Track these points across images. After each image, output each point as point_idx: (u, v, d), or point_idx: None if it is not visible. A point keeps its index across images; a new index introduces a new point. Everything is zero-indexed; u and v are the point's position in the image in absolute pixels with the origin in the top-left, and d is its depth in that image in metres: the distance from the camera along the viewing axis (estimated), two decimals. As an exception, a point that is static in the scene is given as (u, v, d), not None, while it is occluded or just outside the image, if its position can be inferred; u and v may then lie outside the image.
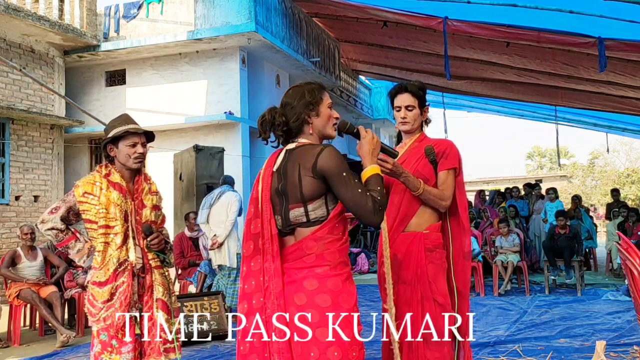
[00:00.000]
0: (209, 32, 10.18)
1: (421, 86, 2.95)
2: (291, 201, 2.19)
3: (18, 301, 6.27)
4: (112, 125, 3.01)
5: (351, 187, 2.13)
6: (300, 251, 2.18)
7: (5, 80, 9.63)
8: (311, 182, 2.15)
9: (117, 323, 2.82)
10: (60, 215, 2.93)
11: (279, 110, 2.30)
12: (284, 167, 2.24)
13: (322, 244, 2.16)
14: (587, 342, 5.10)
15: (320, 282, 2.14)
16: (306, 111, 2.28)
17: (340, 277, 2.17)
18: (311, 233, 2.17)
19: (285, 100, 2.32)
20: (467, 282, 2.87)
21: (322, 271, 2.15)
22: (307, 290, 2.13)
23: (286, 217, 2.21)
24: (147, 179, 3.10)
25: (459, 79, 12.58)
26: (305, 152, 2.21)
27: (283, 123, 2.28)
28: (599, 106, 13.37)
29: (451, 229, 2.87)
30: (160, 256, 3.02)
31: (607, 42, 7.62)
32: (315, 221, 2.18)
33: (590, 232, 11.27)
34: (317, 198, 2.17)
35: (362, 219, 2.15)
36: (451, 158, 2.85)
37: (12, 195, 9.63)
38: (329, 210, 2.19)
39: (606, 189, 29.79)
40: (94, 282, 2.87)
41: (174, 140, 10.80)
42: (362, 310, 7.27)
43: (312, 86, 2.34)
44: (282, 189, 2.22)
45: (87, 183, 2.94)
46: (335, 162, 2.15)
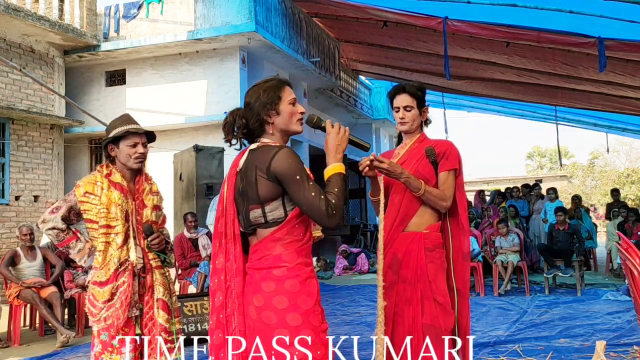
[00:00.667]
0: (209, 32, 10.18)
1: (420, 86, 2.95)
2: (250, 202, 2.20)
3: (18, 301, 6.28)
4: (113, 125, 3.01)
5: (304, 190, 2.11)
6: (260, 252, 2.18)
7: (5, 80, 9.63)
8: (266, 184, 2.15)
9: (117, 323, 2.81)
10: (61, 215, 2.93)
11: (240, 112, 2.29)
12: (245, 168, 2.24)
13: (281, 244, 2.16)
14: (587, 342, 5.10)
15: (277, 283, 2.13)
16: (264, 111, 2.26)
17: (298, 278, 2.14)
18: (270, 234, 2.18)
19: (246, 100, 2.32)
20: (467, 282, 2.88)
21: (280, 272, 2.14)
22: (264, 292, 2.14)
23: (247, 217, 2.22)
24: (148, 179, 3.10)
25: (459, 79, 12.58)
26: (262, 153, 2.20)
27: (243, 125, 2.27)
28: (599, 106, 13.38)
29: (451, 229, 2.87)
30: (161, 256, 3.02)
31: (607, 42, 7.62)
32: (273, 222, 2.18)
33: (590, 232, 11.27)
34: (273, 199, 2.17)
35: (317, 222, 2.16)
36: (452, 159, 2.85)
37: (12, 195, 9.63)
38: (286, 211, 2.18)
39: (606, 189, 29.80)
40: (94, 282, 2.87)
41: (174, 140, 10.80)
42: (362, 310, 7.31)
43: (270, 84, 2.31)
44: (243, 189, 2.22)
45: (88, 183, 2.93)
46: (288, 164, 2.13)
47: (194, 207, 8.37)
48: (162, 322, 2.94)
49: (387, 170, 2.71)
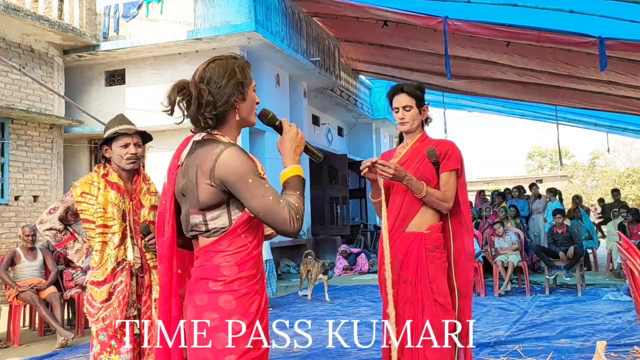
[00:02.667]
0: (209, 32, 10.16)
1: (418, 86, 2.93)
2: (190, 205, 1.90)
3: (18, 301, 6.26)
4: (108, 126, 3.02)
5: (260, 194, 1.81)
6: (201, 259, 1.91)
7: (4, 80, 9.62)
8: (208, 190, 1.84)
9: (115, 323, 2.81)
10: (59, 215, 2.94)
11: (203, 87, 1.88)
12: (186, 164, 1.92)
13: (221, 256, 1.87)
14: (588, 342, 5.09)
15: (210, 298, 1.85)
16: (236, 93, 1.91)
17: (235, 294, 1.85)
18: (210, 244, 1.88)
19: (209, 74, 1.90)
20: (469, 282, 2.86)
21: (214, 286, 1.85)
22: (196, 305, 1.88)
23: (187, 221, 1.93)
24: (145, 179, 3.10)
25: (459, 79, 12.57)
26: (205, 151, 1.86)
27: (212, 104, 1.88)
28: (599, 106, 13.37)
29: (453, 229, 2.86)
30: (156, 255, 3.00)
31: (608, 41, 7.62)
32: (214, 231, 1.88)
33: (590, 232, 11.26)
34: (217, 207, 1.86)
35: (277, 229, 1.85)
36: (453, 159, 2.83)
37: (12, 195, 9.62)
38: (231, 220, 1.88)
39: (607, 189, 29.77)
40: (92, 282, 2.87)
41: (173, 140, 10.75)
42: (362, 311, 7.29)
43: (241, 62, 1.97)
44: (183, 189, 1.91)
45: (85, 183, 2.94)
46: (236, 167, 1.81)
47: (194, 207, 8.36)
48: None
49: (393, 175, 2.68)
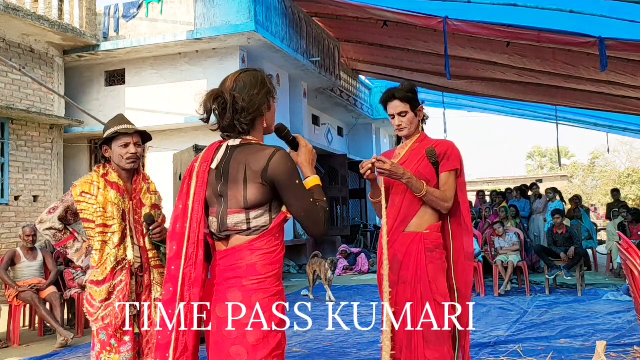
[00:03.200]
0: (209, 32, 10.17)
1: (409, 88, 2.90)
2: (231, 205, 1.98)
3: (18, 301, 6.26)
4: (107, 127, 3.02)
5: (303, 196, 1.97)
6: (232, 258, 1.98)
7: (4, 80, 9.62)
8: (258, 188, 1.95)
9: (116, 322, 2.81)
10: (58, 215, 2.94)
11: (237, 95, 2.00)
12: (226, 166, 2.01)
13: (257, 255, 1.96)
14: (588, 342, 5.09)
15: (245, 296, 1.94)
16: (266, 101, 2.06)
17: (267, 293, 1.96)
18: (248, 242, 1.97)
19: (242, 84, 2.03)
20: (469, 282, 2.86)
21: (249, 284, 1.94)
22: (228, 303, 1.94)
23: (223, 221, 2.00)
24: (145, 179, 3.10)
25: (459, 79, 12.58)
26: (253, 152, 1.98)
27: (245, 110, 2.00)
28: (599, 106, 13.37)
29: (452, 230, 2.85)
30: (162, 247, 2.99)
31: (608, 42, 7.61)
32: (255, 230, 1.98)
33: (590, 232, 11.26)
34: (261, 205, 1.97)
35: (310, 229, 2.00)
36: (453, 159, 2.83)
37: (12, 196, 9.62)
38: (271, 219, 2.00)
39: (607, 189, 29.78)
40: (91, 281, 2.87)
41: (173, 140, 10.79)
42: (362, 311, 7.27)
43: (266, 75, 2.12)
44: (222, 190, 2.01)
45: (84, 183, 2.95)
46: (287, 168, 1.95)
47: (194, 207, 8.36)
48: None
49: (389, 171, 2.68)
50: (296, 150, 2.13)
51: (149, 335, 2.93)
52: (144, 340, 2.93)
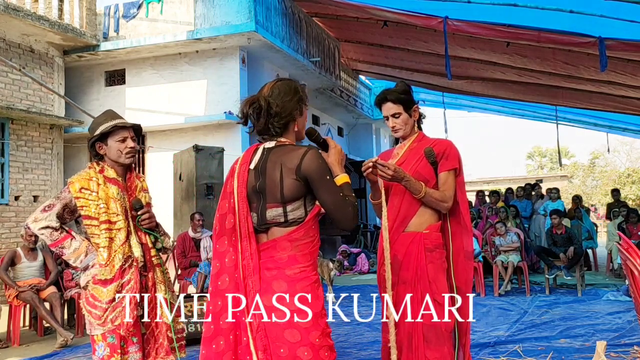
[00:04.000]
0: (209, 32, 10.17)
1: (402, 89, 2.88)
2: (269, 200, 2.19)
3: (18, 301, 6.26)
4: (97, 123, 2.91)
5: (334, 191, 2.16)
6: (273, 250, 2.18)
7: (4, 80, 9.62)
8: (293, 183, 2.15)
9: (127, 322, 2.71)
10: (56, 212, 2.77)
11: (272, 100, 2.23)
12: (263, 166, 2.22)
13: (296, 245, 2.17)
14: (588, 342, 5.08)
15: (290, 284, 2.13)
16: (298, 107, 2.28)
17: (309, 281, 2.16)
18: (287, 234, 2.17)
19: (277, 91, 2.26)
20: (469, 281, 2.85)
21: (292, 273, 2.14)
22: (274, 292, 2.14)
23: (262, 215, 2.20)
24: (138, 176, 3.03)
25: (459, 79, 12.57)
26: (287, 152, 2.20)
27: (278, 115, 2.23)
28: (599, 106, 13.37)
29: (451, 229, 2.85)
30: (152, 235, 2.90)
31: (608, 41, 7.61)
32: (292, 222, 2.18)
33: (590, 232, 11.26)
34: (296, 199, 2.18)
35: (340, 223, 2.19)
36: (451, 158, 2.82)
37: (12, 195, 9.62)
38: (307, 211, 2.20)
39: (607, 189, 29.78)
40: (97, 281, 2.74)
41: (173, 140, 10.80)
42: (362, 311, 7.26)
43: (298, 84, 2.34)
44: (260, 187, 2.20)
45: (82, 179, 2.82)
46: (319, 164, 2.16)
47: (194, 207, 8.36)
48: (165, 320, 2.87)
49: (392, 176, 2.68)
50: (326, 151, 2.33)
51: (156, 335, 2.87)
52: (150, 340, 2.86)
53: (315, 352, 2.10)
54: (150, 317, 2.87)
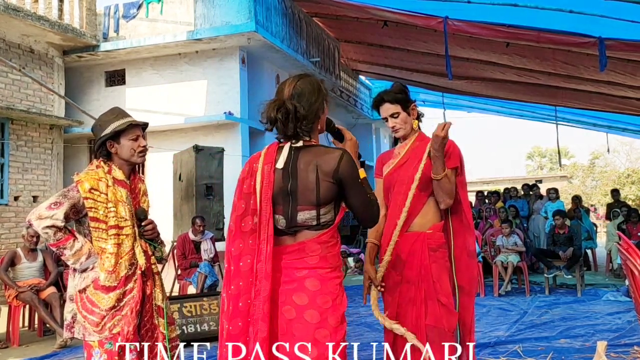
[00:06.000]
0: (209, 32, 10.16)
1: (399, 89, 2.89)
2: (301, 202, 2.12)
3: (17, 302, 6.26)
4: (106, 120, 2.80)
5: (363, 193, 2.16)
6: (302, 252, 2.13)
7: (4, 81, 9.62)
8: (329, 187, 2.11)
9: (128, 330, 2.64)
10: (64, 212, 2.62)
11: (297, 104, 2.14)
12: (293, 166, 2.14)
13: (325, 247, 2.14)
14: (588, 342, 5.08)
15: (322, 283, 2.11)
16: (322, 105, 2.22)
17: (337, 281, 2.16)
18: (317, 236, 2.13)
19: (300, 91, 2.16)
20: (473, 279, 2.85)
21: (324, 273, 2.13)
22: (309, 291, 2.10)
23: (292, 218, 2.14)
24: (140, 179, 2.96)
25: (459, 79, 12.55)
26: (321, 154, 2.13)
27: (306, 118, 2.15)
28: (599, 106, 13.36)
29: (453, 227, 2.85)
30: (152, 245, 2.86)
31: (608, 42, 7.61)
32: (324, 225, 2.14)
33: (590, 233, 11.26)
34: (329, 202, 2.14)
35: (365, 222, 2.22)
36: (453, 157, 2.82)
37: (11, 196, 9.61)
38: (335, 215, 2.17)
39: (606, 189, 29.78)
40: (99, 287, 2.64)
41: (173, 140, 10.78)
42: (361, 311, 7.29)
43: (318, 80, 2.26)
44: (292, 189, 2.13)
45: (91, 178, 2.69)
46: (354, 168, 2.15)
47: (194, 208, 8.34)
48: (162, 330, 2.82)
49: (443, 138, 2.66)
50: (341, 142, 2.34)
51: (152, 342, 2.81)
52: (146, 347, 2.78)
53: (341, 354, 2.09)
54: (147, 326, 2.81)
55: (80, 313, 2.67)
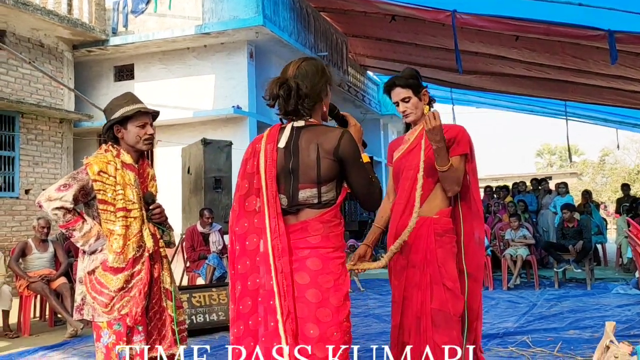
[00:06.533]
0: (217, 26, 10.19)
1: (410, 74, 2.89)
2: (302, 181, 2.14)
3: (28, 292, 6.31)
4: (117, 105, 2.83)
5: (364, 173, 2.17)
6: (304, 231, 2.14)
7: (14, 74, 9.69)
8: (330, 164, 2.12)
9: (136, 312, 2.67)
10: (73, 193, 2.66)
11: (300, 82, 2.16)
12: (295, 145, 2.16)
13: (328, 226, 2.14)
14: (597, 333, 5.06)
15: (324, 263, 2.11)
16: (325, 88, 2.25)
17: (339, 261, 2.16)
18: (319, 215, 2.14)
19: (304, 71, 2.19)
20: (480, 266, 2.85)
21: (326, 253, 2.13)
22: (310, 270, 2.10)
23: (294, 196, 2.15)
24: (148, 164, 2.99)
25: (468, 74, 12.51)
26: (322, 132, 2.16)
27: (308, 96, 2.17)
28: (609, 101, 13.26)
29: (462, 213, 2.84)
30: (160, 229, 2.88)
31: (618, 34, 7.55)
32: (325, 203, 2.15)
33: (600, 227, 11.19)
34: (331, 181, 2.15)
35: (367, 204, 2.22)
36: (462, 144, 2.81)
37: (22, 189, 9.70)
38: (337, 194, 2.18)
39: (616, 186, 29.61)
40: (107, 268, 2.68)
41: (182, 134, 10.83)
42: (370, 303, 7.27)
43: (322, 62, 2.31)
44: (293, 167, 2.15)
45: (100, 161, 2.72)
46: (355, 147, 2.16)
47: (202, 201, 8.38)
48: (170, 312, 2.85)
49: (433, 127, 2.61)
50: (345, 128, 2.33)
51: (160, 325, 2.84)
52: (154, 331, 2.83)
53: (342, 333, 2.08)
54: (155, 308, 2.84)
55: (89, 294, 2.70)
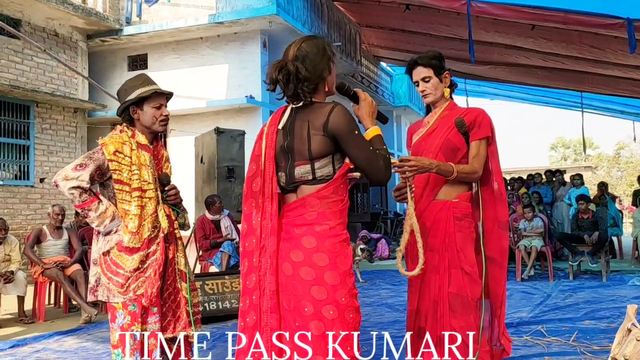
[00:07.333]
0: (230, 16, 10.17)
1: (434, 55, 2.86)
2: (297, 158, 2.16)
3: (43, 278, 6.36)
4: (132, 86, 2.84)
5: (363, 146, 2.13)
6: (302, 208, 2.15)
7: (29, 64, 9.74)
8: (320, 140, 2.11)
9: (152, 292, 2.67)
10: (89, 173, 2.67)
11: (299, 65, 2.15)
12: (291, 126, 2.19)
13: (325, 202, 2.13)
14: (614, 323, 5.00)
15: (319, 240, 2.10)
16: (327, 67, 2.21)
17: (338, 238, 2.13)
18: (316, 191, 2.14)
19: (304, 53, 2.18)
20: (504, 251, 2.78)
21: (322, 230, 2.11)
22: (304, 248, 2.11)
23: (291, 174, 2.18)
24: (162, 146, 3.00)
25: (482, 64, 12.39)
26: (314, 110, 2.16)
27: (308, 79, 2.16)
28: (627, 92, 13.07)
29: (483, 198, 2.81)
30: (175, 211, 2.89)
31: (637, 22, 7.41)
32: (321, 179, 2.15)
33: (615, 219, 11.06)
34: (324, 156, 2.14)
35: (373, 176, 2.16)
36: (484, 127, 2.78)
37: (37, 177, 9.77)
38: (335, 169, 2.16)
39: (632, 179, 29.29)
40: (123, 249, 2.68)
41: (195, 124, 10.84)
42: (382, 293, 7.25)
43: (326, 41, 2.28)
44: (288, 146, 2.17)
45: (115, 142, 2.73)
46: (346, 121, 2.11)
47: (215, 190, 8.39)
48: (185, 294, 2.85)
49: (416, 166, 2.58)
50: (357, 104, 2.32)
51: (175, 306, 2.85)
52: (168, 313, 2.83)
53: (340, 312, 2.06)
54: (170, 290, 2.85)
55: (105, 275, 2.70)
